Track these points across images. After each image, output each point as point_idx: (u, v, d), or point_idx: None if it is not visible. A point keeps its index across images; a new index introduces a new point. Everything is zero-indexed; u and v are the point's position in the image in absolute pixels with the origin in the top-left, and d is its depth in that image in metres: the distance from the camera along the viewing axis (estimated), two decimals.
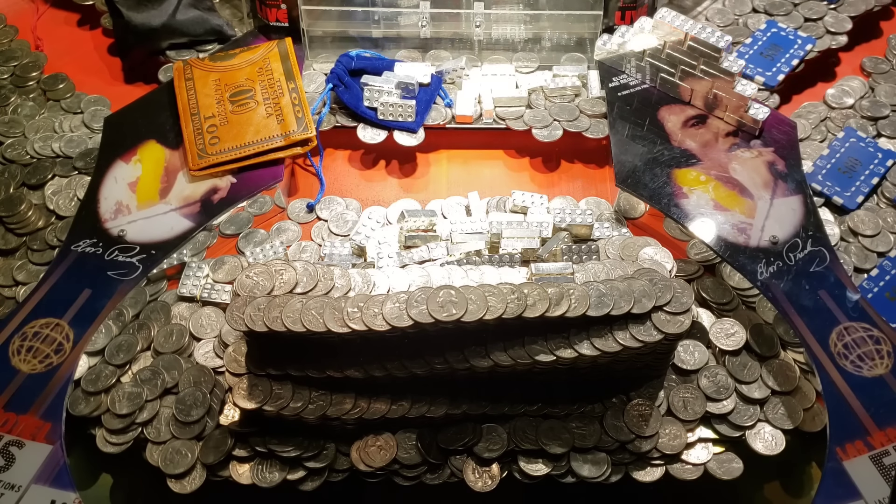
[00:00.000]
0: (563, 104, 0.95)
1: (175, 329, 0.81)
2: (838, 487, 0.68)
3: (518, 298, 0.68)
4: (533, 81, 0.98)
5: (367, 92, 0.93)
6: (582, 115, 0.94)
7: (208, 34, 1.03)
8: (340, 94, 0.93)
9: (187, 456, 0.75)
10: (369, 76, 0.94)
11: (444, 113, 0.94)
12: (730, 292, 0.83)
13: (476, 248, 0.83)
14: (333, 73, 0.94)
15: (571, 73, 0.98)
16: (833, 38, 1.03)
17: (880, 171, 0.91)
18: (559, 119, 0.94)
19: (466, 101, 0.95)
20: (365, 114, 0.92)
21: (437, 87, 0.95)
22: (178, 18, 1.01)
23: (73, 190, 0.92)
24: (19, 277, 0.86)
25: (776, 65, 0.99)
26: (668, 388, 0.78)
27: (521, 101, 0.95)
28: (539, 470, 0.75)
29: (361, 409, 0.73)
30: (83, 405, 0.76)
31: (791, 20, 1.05)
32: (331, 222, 0.90)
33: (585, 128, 0.93)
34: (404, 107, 0.91)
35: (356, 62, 0.94)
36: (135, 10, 1.00)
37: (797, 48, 1.00)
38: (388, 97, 0.91)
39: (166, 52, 1.02)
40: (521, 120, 0.94)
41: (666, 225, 0.89)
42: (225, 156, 0.87)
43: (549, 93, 0.96)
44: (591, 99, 0.96)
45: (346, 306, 0.68)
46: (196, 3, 1.02)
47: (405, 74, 0.94)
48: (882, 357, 0.74)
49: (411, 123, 0.92)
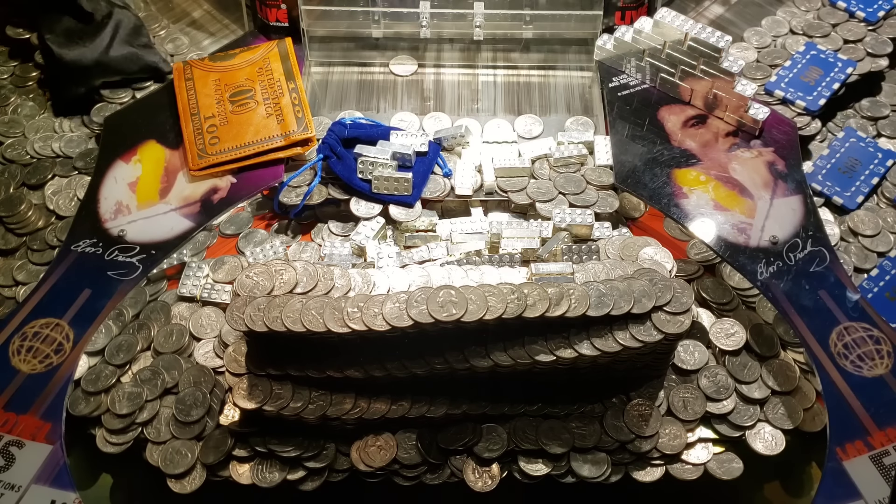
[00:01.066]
0: (568, 175, 0.90)
1: (175, 329, 0.81)
2: (838, 487, 0.68)
3: (518, 298, 0.68)
4: (536, 149, 0.92)
5: (361, 164, 0.86)
6: (589, 188, 0.89)
7: (142, 71, 1.00)
8: (333, 165, 0.87)
9: (187, 456, 0.75)
10: (363, 146, 0.87)
11: (443, 184, 0.89)
12: (730, 292, 0.83)
13: (476, 248, 0.83)
14: (325, 142, 0.88)
15: (577, 140, 0.92)
16: (874, 62, 1.00)
17: (880, 171, 0.91)
18: (564, 192, 0.88)
19: (466, 178, 0.89)
20: (359, 187, 0.87)
21: (435, 156, 0.90)
22: (111, 55, 0.98)
23: (73, 190, 0.92)
24: (19, 277, 0.86)
25: (816, 89, 0.96)
26: (668, 388, 0.78)
27: (523, 172, 0.90)
28: (539, 470, 0.75)
29: (361, 409, 0.73)
30: (83, 405, 0.76)
31: (830, 42, 1.02)
32: (331, 222, 0.89)
33: (592, 202, 0.88)
34: (400, 181, 0.86)
35: (349, 130, 0.89)
36: (66, 47, 0.97)
37: (838, 71, 0.97)
38: (384, 170, 0.86)
39: (100, 90, 0.99)
40: (523, 192, 0.89)
41: (666, 225, 0.89)
42: (225, 156, 0.87)
43: (553, 163, 0.91)
44: (597, 168, 0.90)
45: (346, 306, 0.68)
46: (130, 40, 0.99)
47: (401, 144, 0.88)
48: (882, 357, 0.74)
49: (408, 197, 0.86)
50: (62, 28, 0.98)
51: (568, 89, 1.01)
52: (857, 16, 1.04)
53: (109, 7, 1.00)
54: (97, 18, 0.99)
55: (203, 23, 1.10)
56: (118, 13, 1.00)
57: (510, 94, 1.01)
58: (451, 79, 1.02)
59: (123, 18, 1.00)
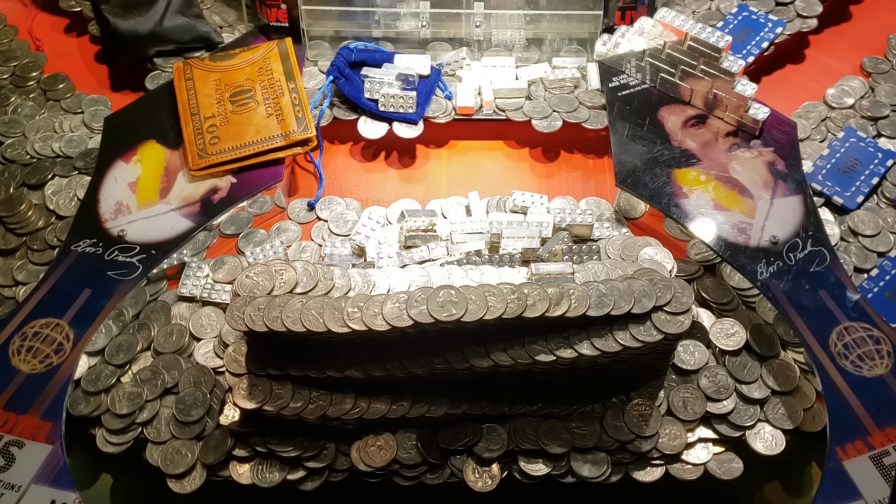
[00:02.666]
0: (562, 95, 0.96)
1: (175, 329, 0.81)
2: (838, 487, 0.68)
3: (518, 298, 0.68)
4: (532, 73, 0.98)
5: (368, 84, 0.93)
6: (581, 107, 0.95)
7: (196, 41, 1.02)
8: (341, 86, 0.93)
9: (187, 456, 0.75)
10: (369, 68, 0.94)
11: (444, 105, 0.95)
12: (730, 292, 0.83)
13: (476, 248, 0.83)
14: (334, 65, 0.94)
15: (571, 65, 0.98)
16: (804, 22, 1.04)
17: (880, 171, 0.91)
18: (559, 110, 0.94)
19: (467, 93, 0.95)
20: (366, 105, 0.93)
21: (437, 78, 0.96)
22: (165, 25, 1.00)
23: (73, 190, 0.92)
24: (19, 277, 0.86)
25: (746, 47, 1.00)
26: (669, 388, 0.78)
27: (520, 93, 0.96)
28: (539, 470, 0.75)
29: (361, 409, 0.73)
30: (83, 405, 0.76)
31: (762, 4, 1.05)
32: (331, 222, 0.90)
33: (585, 119, 0.94)
34: (405, 98, 0.92)
35: (356, 54, 0.95)
36: (121, 17, 0.99)
37: (767, 31, 1.01)
38: (389, 88, 0.92)
39: (154, 59, 1.01)
40: (520, 111, 0.95)
41: (666, 225, 0.89)
42: (225, 156, 0.87)
43: (548, 84, 0.97)
44: (590, 91, 0.96)
45: (346, 306, 0.68)
46: (183, 10, 1.02)
47: (405, 66, 0.94)
48: (882, 357, 0.74)
49: (412, 115, 0.92)
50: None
51: None
52: None
53: None
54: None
55: None
56: None
57: None
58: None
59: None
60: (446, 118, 0.95)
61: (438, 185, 0.95)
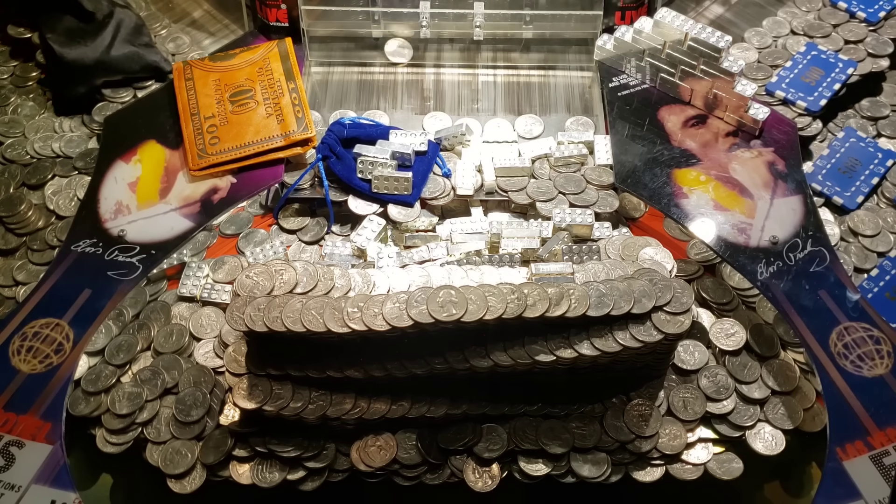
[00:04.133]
0: (568, 174, 0.90)
1: (175, 329, 0.81)
2: (838, 487, 0.68)
3: (518, 298, 0.68)
4: (536, 149, 0.92)
5: (361, 164, 0.86)
6: (589, 187, 0.89)
7: (144, 71, 1.00)
8: (332, 165, 0.87)
9: (187, 456, 0.75)
10: (362, 146, 0.87)
11: (442, 184, 0.89)
12: (730, 292, 0.83)
13: (476, 248, 0.83)
14: (324, 143, 0.88)
15: (577, 140, 0.92)
16: (874, 62, 0.99)
17: (880, 171, 0.91)
18: (565, 192, 0.89)
19: (467, 178, 0.89)
20: (359, 186, 0.87)
21: (435, 154, 0.90)
22: (112, 55, 0.98)
23: (73, 190, 0.92)
24: (19, 277, 0.86)
25: (818, 89, 0.96)
26: (668, 388, 0.78)
27: (524, 171, 0.90)
28: (539, 470, 0.75)
29: (361, 409, 0.73)
30: (83, 405, 0.76)
31: (831, 42, 1.01)
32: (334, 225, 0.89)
33: (592, 202, 0.88)
34: (400, 180, 0.86)
35: (348, 130, 0.89)
36: (67, 46, 0.97)
37: (839, 72, 0.97)
38: (383, 170, 0.86)
39: (102, 90, 0.99)
40: (523, 192, 0.89)
41: (666, 225, 0.89)
42: (225, 156, 0.87)
43: (553, 162, 0.91)
44: (597, 168, 0.90)
45: (346, 306, 0.68)
46: (132, 39, 0.99)
47: (400, 143, 0.88)
48: (882, 357, 0.74)
49: (408, 196, 0.87)
50: (63, 27, 0.98)
51: (568, 89, 1.01)
52: (857, 16, 1.04)
53: (111, 6, 1.00)
54: (98, 18, 0.99)
55: (203, 23, 1.10)
56: (119, 12, 1.00)
57: (510, 94, 1.01)
58: (451, 79, 1.02)
59: (125, 18, 1.00)
60: (445, 199, 0.89)
61: None
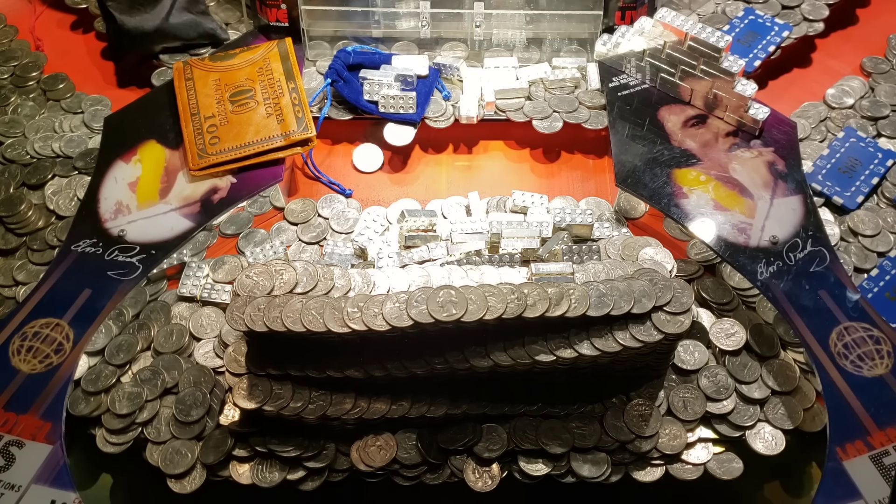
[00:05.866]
0: (562, 96, 0.96)
1: (175, 329, 0.81)
2: (838, 487, 0.68)
3: (518, 298, 0.68)
4: (533, 73, 0.98)
5: (367, 85, 0.93)
6: (581, 107, 0.95)
7: (202, 38, 1.03)
8: (340, 88, 0.93)
9: (187, 456, 0.75)
10: (367, 70, 0.95)
11: (444, 106, 0.95)
12: (730, 292, 0.83)
13: (476, 248, 0.83)
14: (332, 68, 0.94)
15: (571, 65, 0.99)
16: (810, 26, 1.03)
17: (880, 171, 0.91)
18: (559, 110, 0.95)
19: (470, 103, 0.95)
20: (366, 107, 0.93)
21: (435, 78, 0.96)
22: (171, 22, 1.01)
23: (73, 190, 0.92)
24: (19, 277, 0.86)
25: (752, 51, 1.00)
26: (668, 388, 0.78)
27: (521, 93, 0.96)
28: (539, 470, 0.75)
29: (361, 409, 0.73)
30: (83, 405, 0.76)
31: (769, 7, 1.05)
32: (332, 220, 0.90)
33: (585, 119, 0.94)
34: (405, 98, 0.92)
35: (353, 57, 0.95)
36: (127, 13, 0.99)
37: (774, 35, 1.01)
38: (389, 90, 0.92)
39: (160, 55, 1.02)
40: (521, 112, 0.95)
41: (666, 225, 0.89)
42: (225, 156, 0.87)
43: (548, 84, 0.97)
44: (590, 91, 0.96)
45: (346, 306, 0.68)
46: (189, 7, 1.02)
47: (403, 67, 0.95)
48: (882, 357, 0.74)
49: (413, 115, 0.93)
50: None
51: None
52: None
53: None
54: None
55: None
56: None
57: None
58: None
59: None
60: (446, 122, 0.94)
61: (438, 185, 0.95)
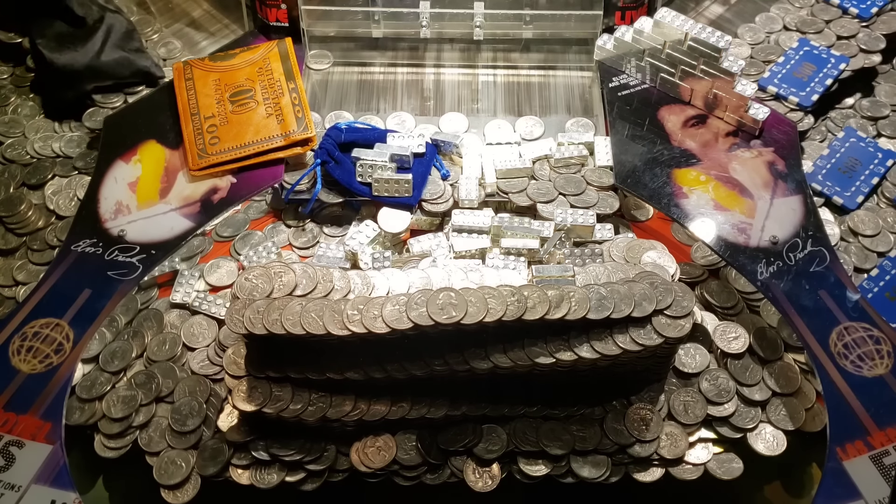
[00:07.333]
0: (568, 175, 0.90)
1: (168, 338, 0.81)
2: (838, 487, 0.68)
3: (518, 301, 0.68)
4: (536, 150, 0.92)
5: (360, 167, 0.85)
6: (589, 188, 0.89)
7: (134, 76, 0.99)
8: (331, 170, 0.86)
9: (182, 466, 0.74)
10: (360, 149, 0.86)
11: (442, 187, 0.88)
12: (734, 296, 0.83)
13: (478, 246, 0.82)
14: (322, 147, 0.87)
15: (577, 141, 0.92)
16: (866, 57, 1.00)
17: (880, 171, 0.91)
18: (565, 193, 0.88)
19: (470, 185, 0.88)
20: (359, 190, 0.86)
21: (433, 156, 0.90)
22: (102, 60, 0.97)
23: (73, 190, 0.92)
24: (19, 277, 0.86)
25: (810, 84, 0.96)
26: (669, 391, 0.78)
27: (524, 173, 0.89)
28: (539, 470, 0.75)
29: (361, 410, 0.73)
30: (78, 414, 0.76)
31: (823, 38, 1.02)
32: (324, 224, 0.89)
33: (593, 203, 0.87)
34: (400, 182, 0.85)
35: (346, 135, 0.88)
36: (57, 51, 0.96)
37: (831, 67, 0.97)
38: (383, 172, 0.85)
39: (92, 95, 0.99)
40: (524, 193, 0.88)
41: (673, 229, 0.88)
42: (225, 156, 0.87)
43: (553, 163, 0.91)
44: (597, 169, 0.90)
45: (345, 309, 0.68)
46: (122, 44, 0.98)
47: (398, 146, 0.87)
48: (882, 357, 0.74)
49: (408, 199, 0.86)
50: (53, 32, 0.97)
51: (568, 89, 1.01)
52: (850, 12, 1.04)
53: (101, 11, 0.99)
54: (89, 23, 0.98)
55: (202, 23, 1.10)
56: (110, 17, 0.99)
57: (510, 95, 1.00)
58: (451, 79, 1.02)
59: (115, 23, 0.99)
60: (445, 205, 0.87)
61: None
